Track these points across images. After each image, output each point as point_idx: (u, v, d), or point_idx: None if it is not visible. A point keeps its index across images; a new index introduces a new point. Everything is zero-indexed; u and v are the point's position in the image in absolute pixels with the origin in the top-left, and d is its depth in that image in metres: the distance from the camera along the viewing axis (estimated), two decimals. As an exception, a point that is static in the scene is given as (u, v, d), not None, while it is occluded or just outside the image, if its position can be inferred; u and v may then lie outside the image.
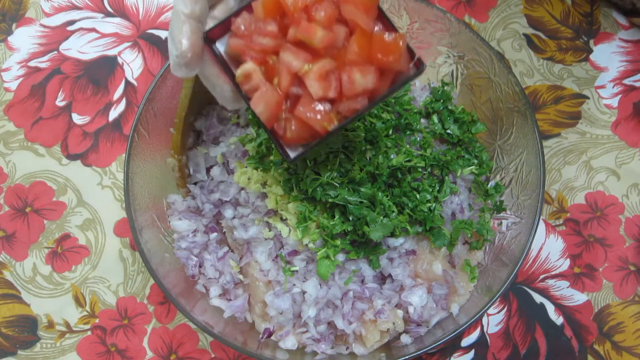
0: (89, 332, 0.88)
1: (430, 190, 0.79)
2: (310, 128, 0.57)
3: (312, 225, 0.76)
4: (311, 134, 0.57)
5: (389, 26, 0.58)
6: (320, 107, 0.56)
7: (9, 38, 0.99)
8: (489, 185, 0.86)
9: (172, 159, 0.84)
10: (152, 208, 0.82)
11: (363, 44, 0.56)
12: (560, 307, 0.88)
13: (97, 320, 0.88)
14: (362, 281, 0.78)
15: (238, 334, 0.77)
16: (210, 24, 0.60)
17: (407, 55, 0.57)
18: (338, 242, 0.75)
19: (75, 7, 1.00)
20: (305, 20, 0.55)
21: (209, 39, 0.59)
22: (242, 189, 0.80)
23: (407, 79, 0.59)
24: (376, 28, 0.58)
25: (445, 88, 0.87)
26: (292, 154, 0.59)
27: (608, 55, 0.98)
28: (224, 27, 0.59)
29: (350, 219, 0.74)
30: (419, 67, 0.58)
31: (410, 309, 0.77)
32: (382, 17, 0.58)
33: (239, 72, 0.57)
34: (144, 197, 0.80)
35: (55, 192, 0.93)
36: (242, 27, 0.57)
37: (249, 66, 0.56)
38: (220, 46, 0.59)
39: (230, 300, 0.82)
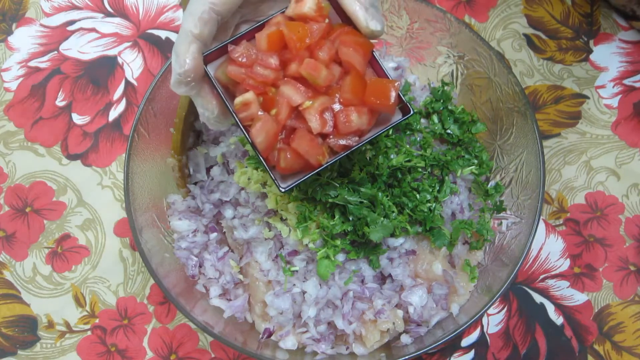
0: (89, 332, 0.88)
1: (430, 190, 0.79)
2: (304, 160, 0.60)
3: (312, 225, 0.76)
4: (304, 165, 0.61)
5: (382, 71, 0.62)
6: (316, 141, 0.59)
7: (9, 38, 0.99)
8: (489, 185, 0.86)
9: (172, 159, 0.84)
10: (152, 208, 0.82)
11: (357, 85, 0.59)
12: (560, 307, 0.88)
13: (97, 320, 0.88)
14: (362, 281, 0.78)
15: (238, 334, 0.77)
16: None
17: (397, 99, 0.60)
18: (338, 242, 0.75)
19: (75, 7, 1.00)
20: (308, 57, 0.58)
21: (205, 61, 0.60)
22: (242, 189, 0.80)
23: (395, 123, 0.63)
24: (369, 72, 0.62)
25: (445, 88, 0.87)
26: (284, 185, 0.62)
27: (608, 56, 0.98)
28: (220, 52, 0.61)
29: (350, 219, 0.74)
30: (407, 112, 0.63)
31: (410, 309, 0.77)
32: (375, 63, 0.62)
33: (239, 99, 0.59)
34: (144, 197, 0.80)
35: (55, 192, 0.93)
36: (244, 56, 0.59)
37: (249, 96, 0.59)
38: (210, 70, 0.61)
39: (230, 300, 0.82)
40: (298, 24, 0.58)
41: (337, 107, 0.60)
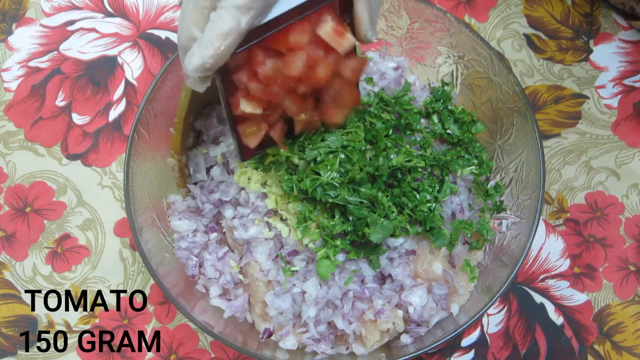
0: (89, 332, 0.88)
1: (430, 190, 0.79)
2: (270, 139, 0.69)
3: (312, 225, 0.76)
4: (268, 143, 0.70)
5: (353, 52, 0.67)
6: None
7: (9, 38, 0.99)
8: (489, 185, 0.86)
9: (172, 159, 0.84)
10: (152, 208, 0.82)
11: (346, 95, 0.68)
12: (560, 307, 0.88)
13: (97, 320, 0.88)
14: (362, 281, 0.78)
15: (238, 334, 0.77)
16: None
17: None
18: (338, 242, 0.75)
19: (75, 7, 1.00)
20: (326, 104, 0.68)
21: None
22: (242, 189, 0.80)
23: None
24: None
25: (445, 88, 0.87)
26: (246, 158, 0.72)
27: (608, 56, 0.98)
28: (245, 53, 0.60)
29: (350, 219, 0.74)
30: None
31: (410, 309, 0.77)
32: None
33: (245, 109, 0.63)
34: (144, 197, 0.80)
35: (55, 192, 0.93)
36: (269, 79, 0.61)
37: (255, 111, 0.63)
38: None
39: (230, 300, 0.82)
40: (325, 65, 0.62)
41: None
